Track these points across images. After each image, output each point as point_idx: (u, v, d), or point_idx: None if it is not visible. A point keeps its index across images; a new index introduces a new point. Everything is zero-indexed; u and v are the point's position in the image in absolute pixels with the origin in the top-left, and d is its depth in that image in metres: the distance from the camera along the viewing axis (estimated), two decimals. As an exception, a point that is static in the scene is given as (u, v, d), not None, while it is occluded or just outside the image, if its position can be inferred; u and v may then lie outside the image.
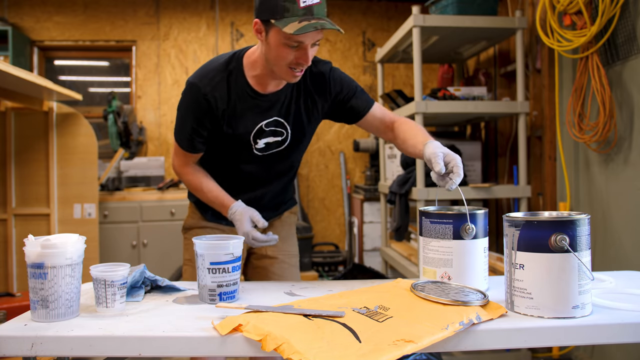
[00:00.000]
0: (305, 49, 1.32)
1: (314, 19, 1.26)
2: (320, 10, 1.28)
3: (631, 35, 2.21)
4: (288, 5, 1.26)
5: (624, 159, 2.30)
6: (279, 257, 1.69)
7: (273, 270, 1.69)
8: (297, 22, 1.25)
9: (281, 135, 1.50)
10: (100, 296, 1.12)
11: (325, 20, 1.28)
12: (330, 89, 1.51)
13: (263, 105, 1.46)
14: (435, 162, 1.25)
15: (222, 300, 1.19)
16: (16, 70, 2.31)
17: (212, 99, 1.42)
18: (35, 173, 3.29)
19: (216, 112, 1.43)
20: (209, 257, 1.18)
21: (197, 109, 1.43)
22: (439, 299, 1.09)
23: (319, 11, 1.28)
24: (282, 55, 1.33)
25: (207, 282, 1.18)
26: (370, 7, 4.72)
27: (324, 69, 1.51)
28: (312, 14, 1.27)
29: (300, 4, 1.25)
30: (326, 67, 1.51)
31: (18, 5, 4.35)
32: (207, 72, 1.44)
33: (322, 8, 1.29)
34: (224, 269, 1.18)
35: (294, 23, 1.26)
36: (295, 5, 1.25)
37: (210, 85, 1.42)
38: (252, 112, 1.46)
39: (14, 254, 3.25)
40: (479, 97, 3.00)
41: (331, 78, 1.50)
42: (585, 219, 1.04)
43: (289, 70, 1.36)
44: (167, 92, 4.50)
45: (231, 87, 1.43)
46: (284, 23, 1.26)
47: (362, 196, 4.19)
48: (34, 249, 1.05)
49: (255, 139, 1.49)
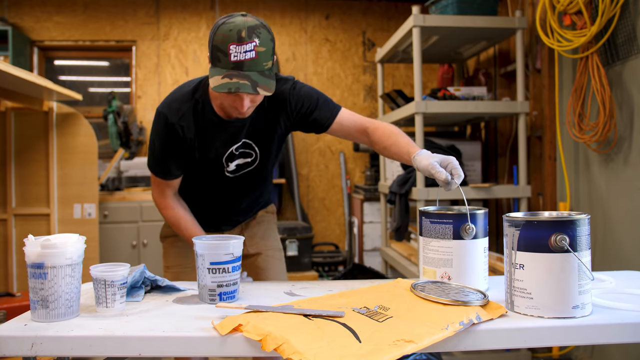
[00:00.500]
0: (240, 97, 1.31)
1: (240, 76, 1.25)
2: (253, 65, 1.25)
3: (631, 35, 2.21)
4: (220, 56, 1.26)
5: (624, 159, 2.30)
6: (262, 252, 1.73)
7: (257, 265, 1.72)
8: (220, 77, 1.26)
9: (250, 157, 1.53)
10: (100, 296, 1.12)
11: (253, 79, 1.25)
12: (292, 106, 1.50)
13: (230, 130, 1.47)
14: (437, 172, 1.25)
15: (222, 300, 1.19)
16: (16, 70, 2.31)
17: (179, 128, 1.44)
18: (35, 173, 3.29)
19: (184, 139, 1.45)
20: (209, 257, 1.17)
21: (166, 136, 1.45)
22: (439, 299, 1.09)
23: (250, 66, 1.25)
24: (220, 96, 1.35)
25: (207, 282, 1.18)
26: (370, 7, 4.73)
27: (285, 88, 1.50)
28: (242, 69, 1.25)
29: (231, 57, 1.24)
30: (287, 86, 1.50)
31: (18, 5, 4.35)
32: (173, 101, 1.45)
33: (256, 62, 1.26)
34: (224, 269, 1.18)
35: (218, 77, 1.26)
36: (226, 57, 1.25)
37: (178, 115, 1.43)
38: (221, 138, 1.48)
39: (14, 254, 3.25)
40: (479, 97, 3.00)
41: (291, 96, 1.50)
42: (585, 219, 1.04)
43: (232, 109, 1.37)
44: (167, 92, 4.46)
45: (198, 116, 1.45)
46: (213, 72, 1.28)
47: (362, 196, 4.19)
48: (34, 249, 1.05)
49: (227, 162, 1.52)
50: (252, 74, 1.26)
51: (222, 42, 1.25)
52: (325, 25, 4.70)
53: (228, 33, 1.25)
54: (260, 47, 1.26)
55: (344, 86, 4.71)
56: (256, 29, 1.26)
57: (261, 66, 1.27)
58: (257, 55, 1.26)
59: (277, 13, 4.63)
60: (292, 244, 3.83)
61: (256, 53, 1.25)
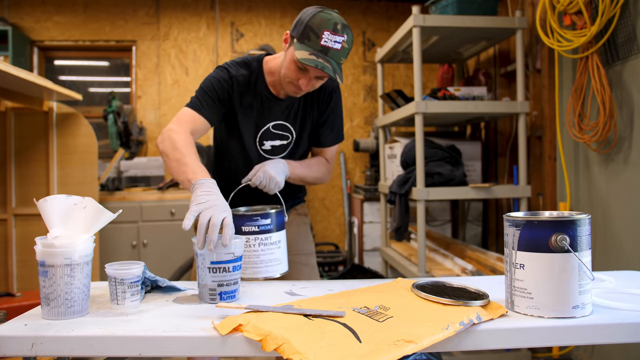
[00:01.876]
0: (309, 77, 1.46)
1: (324, 59, 1.39)
2: (335, 55, 1.40)
3: (631, 35, 2.21)
4: (312, 36, 1.39)
5: (624, 159, 2.30)
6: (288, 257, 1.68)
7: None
8: (308, 53, 1.39)
9: (287, 139, 1.63)
10: (112, 293, 1.15)
11: (333, 66, 1.39)
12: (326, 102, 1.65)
13: (274, 108, 1.60)
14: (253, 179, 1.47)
15: (223, 299, 1.19)
16: (16, 70, 2.31)
17: (235, 82, 1.56)
18: (35, 173, 3.29)
19: (231, 96, 1.56)
20: (209, 256, 1.17)
21: (219, 82, 1.55)
22: (439, 299, 1.09)
23: (334, 55, 1.40)
24: (289, 70, 1.47)
25: (208, 282, 1.18)
26: (370, 7, 4.73)
27: (334, 85, 1.65)
28: (326, 54, 1.39)
29: (321, 41, 1.38)
30: (335, 85, 1.65)
31: (18, 5, 4.35)
32: (234, 63, 1.59)
33: (339, 54, 1.41)
34: (224, 268, 1.18)
35: (306, 52, 1.39)
36: (317, 39, 1.39)
37: (238, 72, 1.57)
38: (263, 113, 1.59)
39: (14, 254, 3.25)
40: (479, 97, 3.00)
41: (333, 93, 1.65)
42: (585, 219, 1.04)
43: (290, 85, 1.50)
44: (167, 92, 4.50)
45: (250, 85, 1.58)
46: (300, 47, 1.41)
47: (362, 196, 4.19)
48: (38, 246, 1.07)
49: (262, 141, 1.61)
50: (333, 62, 1.40)
51: (319, 25, 1.39)
52: (325, 25, 4.69)
53: (326, 20, 1.39)
54: (345, 43, 1.41)
55: (344, 86, 4.71)
56: (347, 27, 1.42)
57: (340, 59, 1.42)
58: (342, 49, 1.41)
59: (277, 13, 4.63)
60: (292, 244, 3.83)
61: (342, 47, 1.41)
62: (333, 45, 1.39)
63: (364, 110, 4.73)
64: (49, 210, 1.13)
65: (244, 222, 1.41)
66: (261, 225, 1.42)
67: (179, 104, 4.47)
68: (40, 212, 1.14)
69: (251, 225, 1.42)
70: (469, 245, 3.25)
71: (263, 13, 4.60)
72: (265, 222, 1.43)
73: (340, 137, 1.72)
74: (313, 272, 1.76)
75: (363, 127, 4.74)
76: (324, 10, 1.41)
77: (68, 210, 1.15)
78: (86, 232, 1.14)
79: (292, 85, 1.49)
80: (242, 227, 1.41)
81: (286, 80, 1.50)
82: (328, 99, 1.64)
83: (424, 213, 2.74)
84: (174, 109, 4.48)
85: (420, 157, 2.73)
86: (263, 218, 1.42)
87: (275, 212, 1.44)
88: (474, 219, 3.89)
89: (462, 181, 2.90)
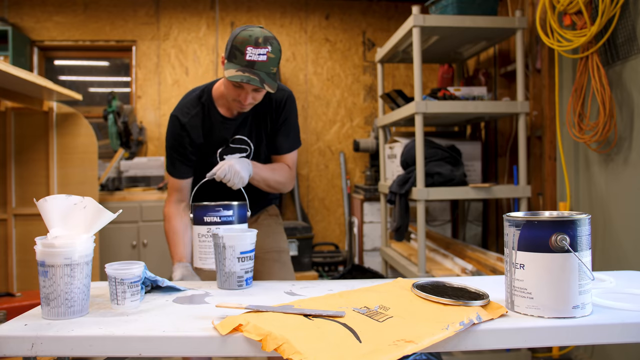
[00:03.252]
0: (246, 92, 1.56)
1: (251, 73, 1.49)
2: (263, 66, 1.50)
3: (631, 35, 2.21)
4: (237, 54, 1.50)
5: (624, 159, 2.30)
6: (259, 255, 1.78)
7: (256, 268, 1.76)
8: (234, 70, 1.50)
9: (245, 152, 1.75)
10: (112, 293, 1.16)
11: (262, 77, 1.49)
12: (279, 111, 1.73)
13: (230, 127, 1.72)
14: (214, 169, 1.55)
15: (248, 285, 1.34)
16: (16, 70, 2.31)
17: (189, 127, 1.69)
18: (35, 173, 3.29)
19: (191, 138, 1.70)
20: (239, 247, 1.30)
21: (176, 134, 1.70)
22: (439, 299, 1.09)
23: (261, 67, 1.50)
24: (227, 89, 1.59)
25: (237, 270, 1.31)
26: (370, 7, 4.73)
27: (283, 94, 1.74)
28: (253, 67, 1.49)
29: (246, 57, 1.49)
30: (285, 93, 1.74)
31: (18, 5, 4.35)
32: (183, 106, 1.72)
33: (267, 65, 1.50)
34: (249, 256, 1.33)
35: (233, 70, 1.50)
36: (242, 56, 1.49)
37: (188, 116, 1.70)
38: (222, 134, 1.72)
39: (14, 254, 3.25)
40: (479, 97, 3.00)
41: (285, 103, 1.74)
42: (585, 219, 1.04)
43: (234, 102, 1.61)
44: (167, 92, 4.50)
45: (205, 117, 1.71)
46: (228, 66, 1.52)
47: (362, 196, 4.19)
48: (38, 246, 1.07)
49: (222, 155, 1.73)
50: (261, 73, 1.50)
51: (241, 43, 1.49)
52: (325, 25, 4.70)
53: (247, 37, 1.49)
54: (271, 54, 1.51)
55: (344, 86, 4.71)
56: (270, 39, 1.51)
57: (269, 69, 1.52)
58: (268, 60, 1.50)
59: (277, 13, 4.63)
60: (292, 244, 3.84)
61: (267, 57, 1.50)
62: (258, 58, 1.48)
63: (364, 110, 4.73)
64: (49, 210, 1.13)
65: (206, 212, 1.54)
66: (223, 216, 1.52)
67: (179, 104, 4.47)
68: (40, 212, 1.14)
69: (213, 215, 1.52)
70: (469, 245, 3.25)
71: (263, 13, 4.60)
72: (227, 213, 1.53)
73: (297, 143, 1.81)
74: (285, 269, 1.85)
75: (363, 127, 4.74)
76: (246, 29, 1.52)
77: (68, 210, 1.15)
78: (86, 232, 1.14)
79: (236, 102, 1.59)
80: (204, 217, 1.53)
81: (230, 99, 1.61)
82: (281, 107, 1.73)
83: (424, 213, 2.74)
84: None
85: (420, 157, 2.73)
86: (225, 209, 1.52)
87: (237, 205, 1.55)
88: (474, 219, 3.89)
89: (462, 181, 2.90)
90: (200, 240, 1.55)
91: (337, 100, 4.71)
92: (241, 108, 1.62)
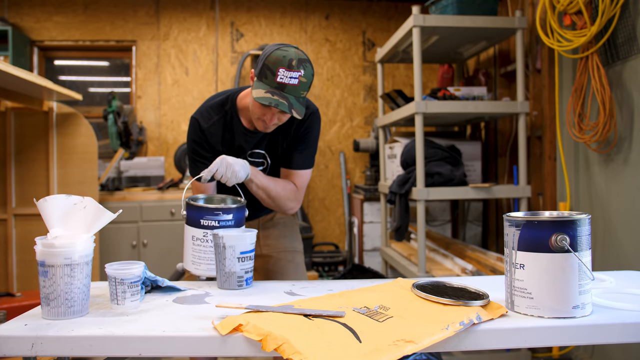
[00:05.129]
0: (272, 112, 1.51)
1: (281, 96, 1.44)
2: (293, 90, 1.45)
3: (631, 35, 2.21)
4: (268, 74, 1.45)
5: (624, 159, 2.30)
6: (273, 255, 1.78)
7: (269, 267, 1.77)
8: (264, 91, 1.45)
9: (262, 165, 1.71)
10: (112, 293, 1.16)
11: (290, 101, 1.44)
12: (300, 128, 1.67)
13: (250, 140, 1.67)
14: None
15: (248, 284, 1.33)
16: (16, 70, 2.31)
17: (209, 134, 1.65)
18: (35, 173, 3.29)
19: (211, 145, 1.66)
20: (239, 247, 1.30)
21: (194, 141, 1.66)
22: (439, 299, 1.09)
23: (291, 90, 1.45)
24: (254, 107, 1.53)
25: (237, 270, 1.31)
26: (370, 7, 4.73)
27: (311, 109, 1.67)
28: (283, 90, 1.44)
29: (277, 78, 1.43)
30: (310, 110, 1.67)
31: (18, 5, 4.35)
32: (205, 110, 1.66)
33: (297, 89, 1.45)
34: (250, 256, 1.33)
35: (261, 90, 1.45)
36: (273, 77, 1.44)
37: (209, 122, 1.65)
38: (241, 145, 1.67)
39: (14, 254, 3.25)
40: (479, 97, 2.99)
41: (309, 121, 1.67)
42: (585, 219, 1.04)
43: (258, 121, 1.55)
44: (167, 92, 4.50)
45: (227, 125, 1.66)
46: (257, 85, 1.47)
47: (362, 196, 4.19)
48: (38, 246, 1.07)
49: None
50: (291, 97, 1.45)
51: (274, 63, 1.44)
52: (325, 25, 4.70)
53: (281, 58, 1.43)
54: (303, 78, 1.45)
55: (344, 86, 4.71)
56: (304, 62, 1.46)
57: (299, 93, 1.47)
58: (299, 84, 1.45)
59: (277, 13, 4.63)
60: (292, 244, 3.83)
61: (299, 82, 1.45)
62: (289, 81, 1.43)
63: (364, 110, 4.73)
64: (49, 210, 1.13)
65: (203, 215, 1.42)
66: (222, 220, 1.42)
67: (179, 104, 4.47)
68: (40, 212, 1.14)
69: (211, 219, 1.42)
70: (469, 245, 3.25)
71: (263, 13, 4.60)
72: (227, 217, 1.43)
73: (310, 163, 1.72)
74: (298, 270, 1.80)
75: (363, 127, 4.74)
76: (280, 48, 1.46)
77: (68, 210, 1.15)
78: (86, 232, 1.14)
79: (260, 121, 1.54)
80: (200, 220, 1.42)
81: (254, 117, 1.55)
82: (302, 122, 1.67)
83: (424, 213, 2.74)
84: (174, 109, 4.48)
85: (420, 157, 2.73)
86: (225, 213, 1.42)
87: (236, 207, 1.45)
88: (474, 219, 3.89)
89: (462, 181, 2.90)
90: (195, 244, 1.44)
91: (337, 100, 4.71)
92: (265, 128, 1.56)
